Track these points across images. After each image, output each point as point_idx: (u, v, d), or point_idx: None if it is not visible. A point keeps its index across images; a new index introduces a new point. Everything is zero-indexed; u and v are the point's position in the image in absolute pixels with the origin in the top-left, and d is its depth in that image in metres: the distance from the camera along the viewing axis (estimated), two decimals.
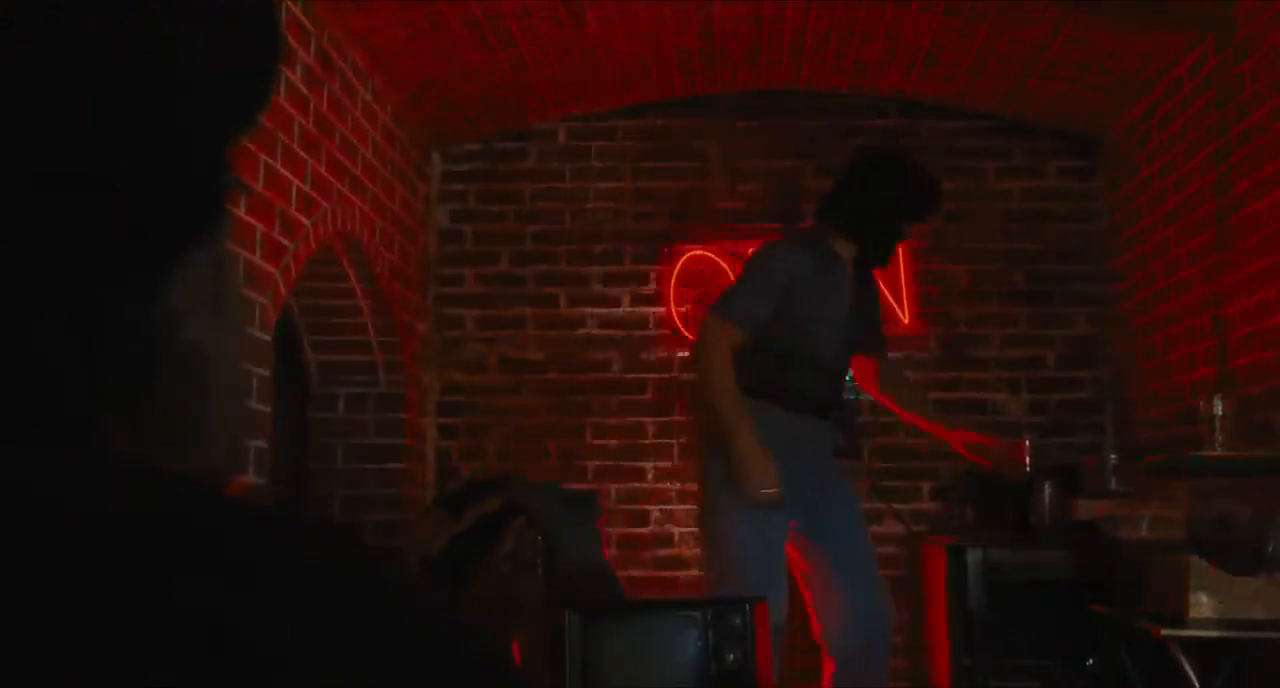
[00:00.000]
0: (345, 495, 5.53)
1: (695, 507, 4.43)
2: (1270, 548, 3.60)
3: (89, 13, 0.74)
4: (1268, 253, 4.47)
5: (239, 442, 0.87)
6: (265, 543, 0.66)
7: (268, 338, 4.08)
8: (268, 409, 4.11)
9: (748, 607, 2.61)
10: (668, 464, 6.10)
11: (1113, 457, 5.20)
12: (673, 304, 6.17)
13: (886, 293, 5.56)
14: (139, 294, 0.73)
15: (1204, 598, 3.60)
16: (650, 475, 6.10)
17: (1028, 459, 4.82)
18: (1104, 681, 4.61)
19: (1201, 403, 4.01)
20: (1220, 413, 3.86)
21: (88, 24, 0.73)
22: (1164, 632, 3.64)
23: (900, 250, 4.59)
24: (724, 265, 6.12)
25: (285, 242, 4.15)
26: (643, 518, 6.08)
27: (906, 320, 6.05)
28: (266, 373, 4.06)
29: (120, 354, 0.72)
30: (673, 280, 6.18)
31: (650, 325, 6.21)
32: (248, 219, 3.81)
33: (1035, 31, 5.22)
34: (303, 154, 4.31)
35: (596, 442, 6.13)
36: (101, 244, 0.70)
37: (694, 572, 5.97)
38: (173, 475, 0.70)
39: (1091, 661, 4.68)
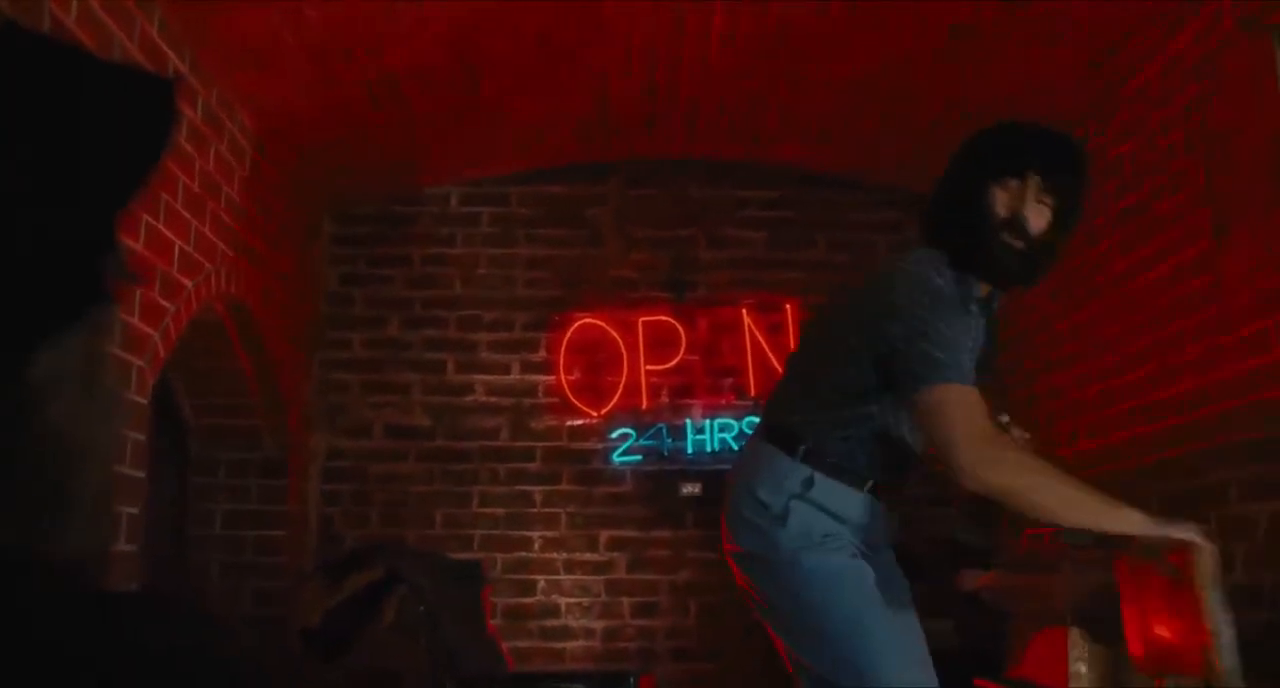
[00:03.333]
0: (224, 562, 5.39)
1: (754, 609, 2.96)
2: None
3: None
4: (1147, 331, 4.56)
5: (107, 521, 0.85)
6: (121, 633, 0.65)
7: (145, 401, 3.96)
8: (142, 474, 3.99)
9: (632, 679, 2.57)
10: (555, 534, 6.04)
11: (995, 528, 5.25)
12: (563, 372, 6.14)
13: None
14: None
15: (1083, 669, 3.62)
16: (537, 545, 6.03)
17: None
18: None
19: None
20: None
21: None
22: None
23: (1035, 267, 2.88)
24: (614, 334, 6.11)
25: (166, 303, 4.05)
26: (529, 588, 6.00)
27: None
28: (142, 437, 3.94)
29: None
30: (563, 348, 6.16)
31: (539, 393, 6.16)
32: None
33: (929, 108, 5.31)
34: (186, 215, 4.22)
35: (483, 510, 6.06)
36: None
37: (580, 643, 5.89)
38: (26, 562, 0.69)
39: None
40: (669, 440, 6.08)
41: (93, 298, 0.77)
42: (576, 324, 6.17)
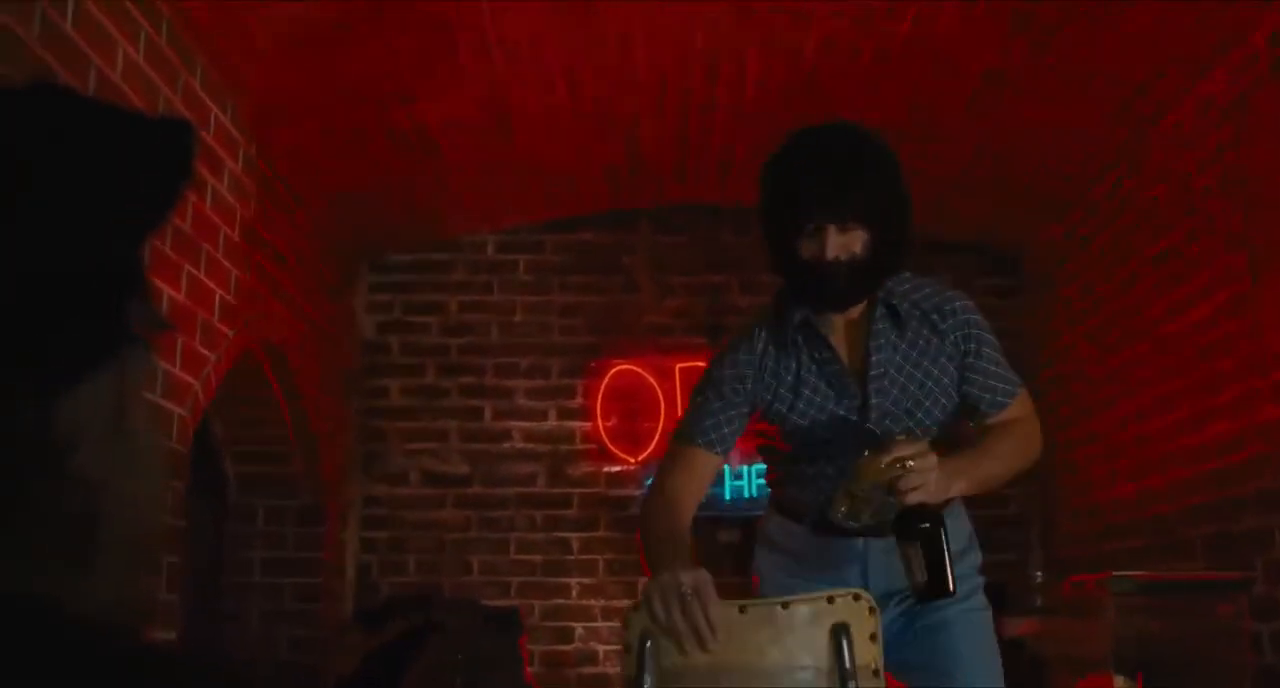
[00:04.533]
0: (262, 610, 5.40)
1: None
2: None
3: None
4: (1183, 374, 4.54)
5: (146, 572, 0.83)
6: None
7: (185, 450, 4.00)
8: (182, 523, 4.02)
9: None
10: (592, 581, 6.03)
11: (1038, 574, 5.21)
12: (599, 419, 6.15)
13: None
14: (9, 420, 0.71)
15: None
16: (574, 592, 6.02)
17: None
18: None
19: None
20: None
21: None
22: None
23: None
24: (650, 380, 6.12)
25: (206, 352, 4.09)
26: (566, 635, 5.99)
27: None
28: (181, 486, 3.97)
29: None
30: (599, 395, 6.17)
31: (576, 440, 6.17)
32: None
33: (959, 153, 5.32)
34: (227, 264, 4.27)
35: (520, 557, 6.05)
36: None
37: None
38: (56, 612, 0.68)
39: None
40: None
41: (117, 343, 0.77)
42: (613, 371, 6.19)
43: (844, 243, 2.59)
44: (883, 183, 2.68)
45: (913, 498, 2.34)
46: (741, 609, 2.23)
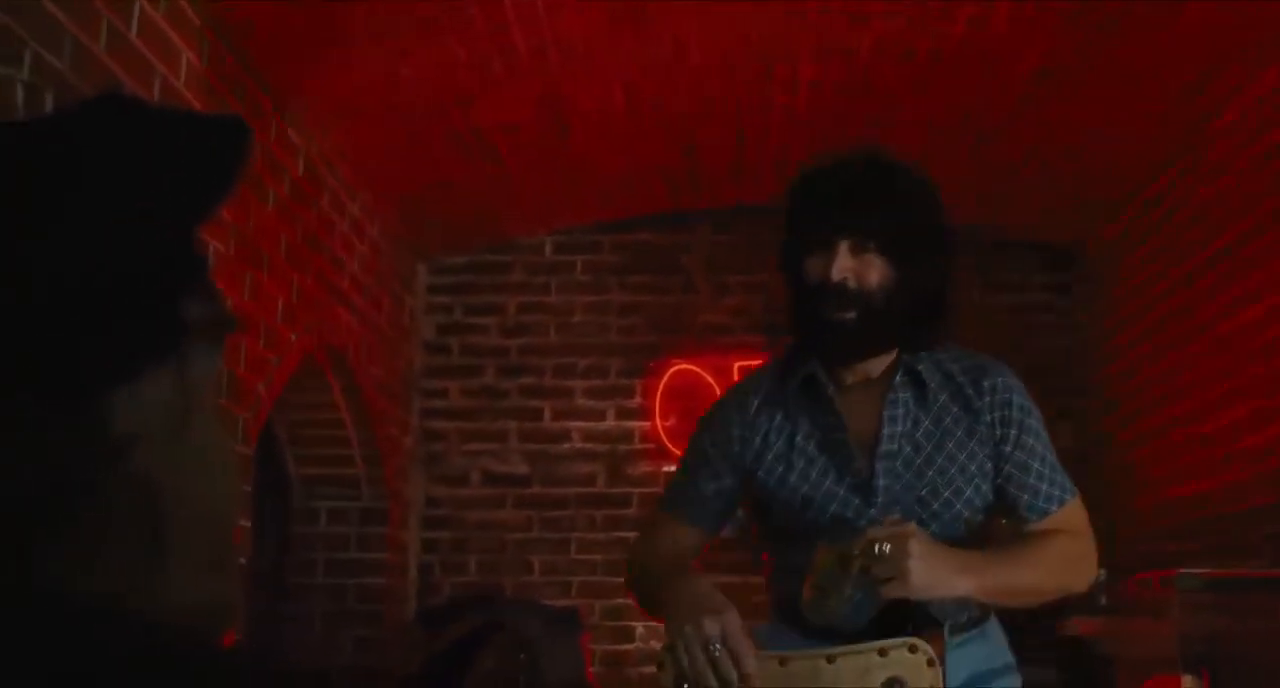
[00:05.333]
0: (325, 611, 5.46)
1: None
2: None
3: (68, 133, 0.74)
4: (1239, 373, 4.48)
5: (221, 577, 0.82)
6: None
7: (249, 452, 4.05)
8: (247, 524, 4.07)
9: None
10: None
11: (1102, 573, 5.17)
12: (658, 418, 6.16)
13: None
14: (61, 417, 0.71)
15: None
16: None
17: None
18: None
19: None
20: None
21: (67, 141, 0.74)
22: None
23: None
24: (709, 379, 6.12)
25: (270, 356, 4.14)
26: (627, 635, 6.00)
27: None
28: (246, 488, 4.02)
29: (28, 477, 0.70)
30: (658, 394, 6.18)
31: (635, 440, 6.19)
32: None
33: (1015, 150, 5.29)
34: (289, 268, 4.32)
35: (581, 556, 6.08)
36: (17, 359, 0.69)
37: None
38: (123, 616, 0.69)
39: None
40: None
41: (177, 342, 0.77)
42: (671, 370, 6.20)
43: (856, 267, 2.17)
44: (912, 210, 2.21)
45: (889, 592, 1.95)
46: (782, 662, 2.03)
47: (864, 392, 2.26)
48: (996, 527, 2.33)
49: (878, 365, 2.26)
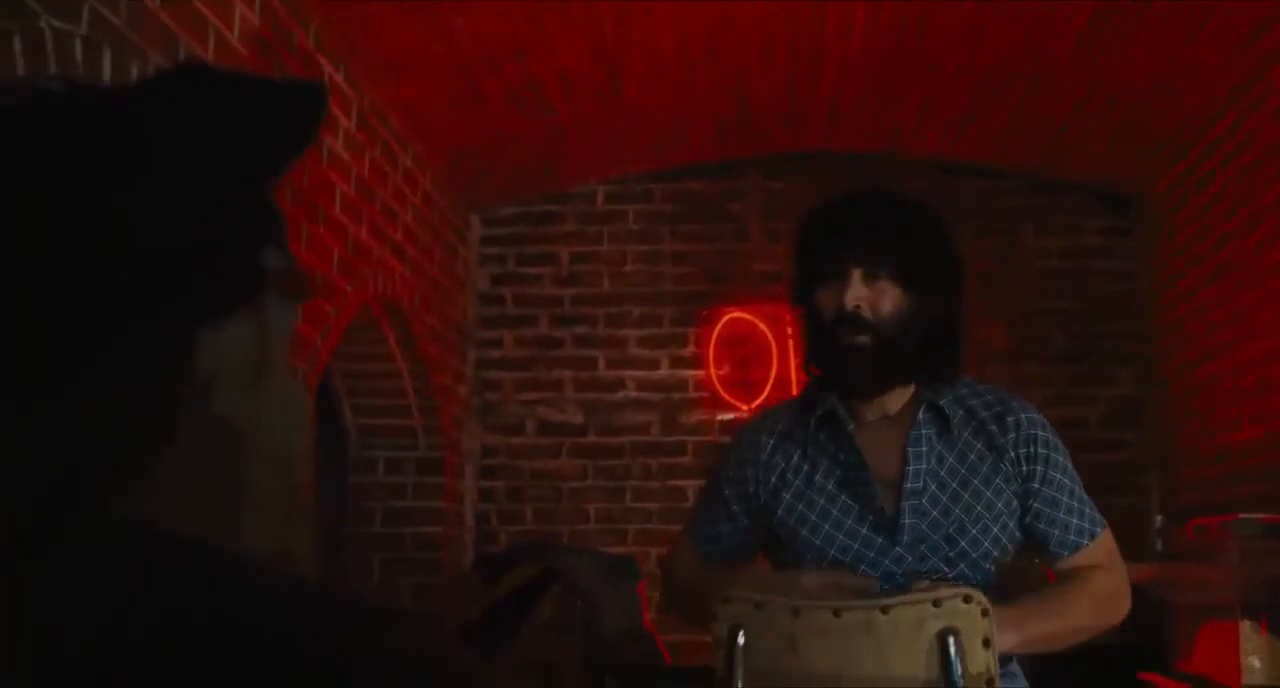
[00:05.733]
0: (383, 559, 5.53)
1: None
2: None
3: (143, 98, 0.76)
4: None
5: (298, 523, 0.84)
6: (292, 631, 0.66)
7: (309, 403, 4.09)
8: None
9: None
10: None
11: (1159, 519, 5.15)
12: (712, 367, 6.17)
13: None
14: (140, 359, 0.72)
15: (1256, 663, 3.55)
16: None
17: None
18: None
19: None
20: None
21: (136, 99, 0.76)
22: None
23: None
24: (763, 327, 6.11)
25: (327, 307, 4.18)
26: None
27: None
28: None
29: (113, 420, 0.71)
30: (712, 343, 6.18)
31: (689, 388, 6.20)
32: None
33: (1071, 93, 5.23)
34: (344, 220, 4.35)
35: (636, 505, 6.11)
36: (93, 306, 0.70)
37: None
38: (214, 552, 0.70)
39: None
40: None
41: (257, 291, 0.79)
42: (725, 319, 6.19)
43: (869, 296, 2.21)
44: (925, 242, 2.26)
45: None
46: (836, 613, 2.02)
47: (884, 428, 2.28)
48: (1025, 566, 2.35)
49: (896, 401, 2.29)
